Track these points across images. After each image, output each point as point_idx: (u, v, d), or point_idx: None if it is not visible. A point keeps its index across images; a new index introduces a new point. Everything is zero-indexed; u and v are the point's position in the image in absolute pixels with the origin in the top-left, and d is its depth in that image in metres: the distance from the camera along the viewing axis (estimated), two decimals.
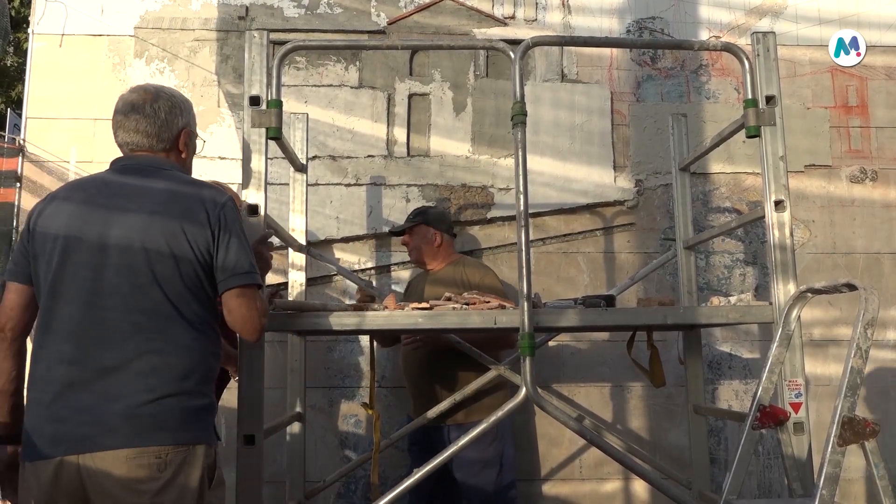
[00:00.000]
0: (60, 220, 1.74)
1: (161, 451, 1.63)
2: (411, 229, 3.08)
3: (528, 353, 2.18)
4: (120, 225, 1.71)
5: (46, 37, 3.49)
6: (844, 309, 3.50)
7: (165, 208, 1.74)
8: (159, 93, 1.88)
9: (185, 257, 1.72)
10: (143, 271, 1.69)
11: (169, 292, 1.71)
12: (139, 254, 1.70)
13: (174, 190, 1.78)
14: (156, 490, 1.61)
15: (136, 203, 1.74)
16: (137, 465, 1.60)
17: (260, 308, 1.79)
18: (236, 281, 1.75)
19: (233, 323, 1.78)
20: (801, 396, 2.21)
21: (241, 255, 1.78)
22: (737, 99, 3.63)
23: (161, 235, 1.71)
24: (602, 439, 2.60)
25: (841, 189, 3.63)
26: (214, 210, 1.77)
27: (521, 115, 2.28)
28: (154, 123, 1.83)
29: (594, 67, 3.63)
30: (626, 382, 3.42)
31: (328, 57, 3.55)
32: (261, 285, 1.83)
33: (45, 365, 1.68)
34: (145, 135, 1.83)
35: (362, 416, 3.32)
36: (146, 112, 1.83)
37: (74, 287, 1.69)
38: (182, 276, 1.72)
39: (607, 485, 3.36)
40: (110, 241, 1.70)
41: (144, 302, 1.69)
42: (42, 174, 3.36)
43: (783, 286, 2.26)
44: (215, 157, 3.43)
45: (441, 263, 3.07)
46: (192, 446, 1.68)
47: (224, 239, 1.76)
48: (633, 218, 3.54)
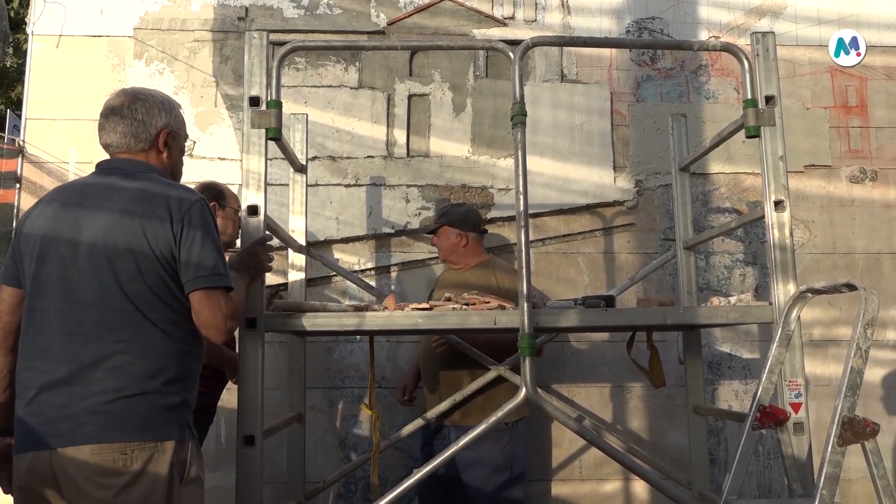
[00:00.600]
0: (40, 223, 1.80)
1: (126, 448, 1.66)
2: (436, 230, 3.07)
3: (527, 354, 2.18)
4: (89, 226, 1.76)
5: (45, 38, 3.49)
6: (844, 309, 3.50)
7: (130, 208, 1.76)
8: (137, 95, 1.92)
9: (146, 256, 1.74)
10: (106, 272, 1.73)
11: (130, 293, 1.73)
12: (102, 255, 1.73)
13: (142, 189, 1.80)
14: (122, 485, 1.65)
15: (105, 204, 1.78)
16: (103, 461, 1.65)
17: (225, 311, 1.78)
18: (200, 283, 1.76)
19: (198, 325, 1.79)
20: (801, 396, 2.21)
21: (206, 255, 1.77)
22: (736, 99, 3.63)
23: (122, 234, 1.74)
24: (602, 439, 2.60)
25: (840, 189, 3.63)
26: (180, 209, 1.78)
27: (520, 115, 2.28)
28: (131, 125, 1.87)
29: (594, 68, 3.64)
30: (626, 383, 3.42)
31: (328, 58, 3.55)
32: (229, 287, 1.82)
33: (25, 364, 1.74)
34: (122, 135, 1.87)
35: (362, 417, 3.32)
36: (124, 114, 1.88)
37: (49, 287, 1.75)
38: (143, 276, 1.74)
39: (607, 485, 3.36)
40: (80, 242, 1.75)
41: (110, 302, 1.72)
42: (42, 175, 3.37)
43: (783, 286, 2.26)
44: (215, 158, 3.43)
45: (469, 263, 3.05)
46: (159, 443, 1.70)
47: (188, 237, 1.76)
48: (633, 218, 3.54)
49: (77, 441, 1.65)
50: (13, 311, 1.83)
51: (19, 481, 1.71)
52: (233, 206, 2.66)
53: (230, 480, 2.38)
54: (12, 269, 1.84)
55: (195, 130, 3.44)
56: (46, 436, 1.66)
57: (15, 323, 1.82)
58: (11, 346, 1.82)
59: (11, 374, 1.81)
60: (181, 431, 1.76)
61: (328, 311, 2.33)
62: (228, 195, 2.70)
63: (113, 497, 1.65)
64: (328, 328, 2.28)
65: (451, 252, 3.05)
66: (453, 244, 3.03)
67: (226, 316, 1.79)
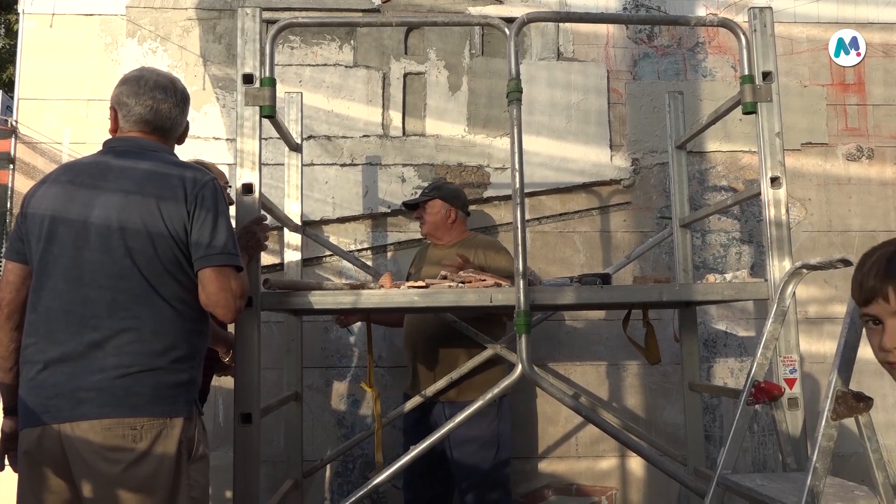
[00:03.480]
0: (48, 202, 1.80)
1: (136, 423, 1.67)
2: (425, 203, 3.06)
3: (523, 331, 2.18)
4: (101, 204, 1.76)
5: (37, 17, 3.45)
6: (840, 287, 3.51)
7: (144, 187, 1.77)
8: (177, 83, 1.97)
9: (161, 235, 1.75)
10: (119, 250, 1.73)
11: (145, 271, 1.74)
12: (116, 233, 1.74)
13: (156, 170, 1.81)
14: (130, 460, 1.66)
15: (118, 183, 1.78)
16: (112, 435, 1.66)
17: (235, 290, 1.79)
18: (211, 260, 1.76)
19: (206, 302, 1.79)
20: (796, 372, 2.22)
21: (219, 234, 1.78)
22: (733, 77, 3.61)
23: (137, 214, 1.75)
24: (598, 416, 2.61)
25: (837, 167, 3.63)
26: (193, 188, 1.79)
27: (516, 91, 2.27)
28: (173, 110, 1.92)
29: (590, 46, 3.61)
30: (622, 361, 3.43)
31: (322, 36, 3.52)
32: (240, 267, 1.83)
33: (32, 340, 1.74)
34: (167, 118, 1.90)
35: (359, 396, 3.33)
36: (168, 95, 1.91)
37: (59, 266, 1.74)
38: (159, 255, 1.75)
39: (603, 462, 3.39)
40: (91, 221, 1.75)
41: (122, 281, 1.72)
42: (35, 156, 3.34)
43: (778, 263, 2.26)
44: (209, 138, 3.41)
45: (452, 240, 3.05)
46: (168, 419, 1.71)
47: (200, 215, 1.77)
48: (630, 197, 3.54)
49: (87, 416, 1.65)
50: (18, 288, 1.82)
51: (26, 446, 1.71)
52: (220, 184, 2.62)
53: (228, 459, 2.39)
54: (19, 246, 1.83)
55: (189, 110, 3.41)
56: (54, 410, 1.67)
57: (20, 300, 1.82)
58: (17, 324, 1.82)
59: (17, 353, 1.80)
60: (189, 408, 1.78)
61: (324, 289, 2.33)
62: (216, 173, 2.66)
63: (121, 472, 1.65)
64: (324, 306, 2.28)
65: (436, 226, 3.04)
66: (441, 218, 3.03)
67: (236, 294, 1.79)
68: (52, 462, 1.68)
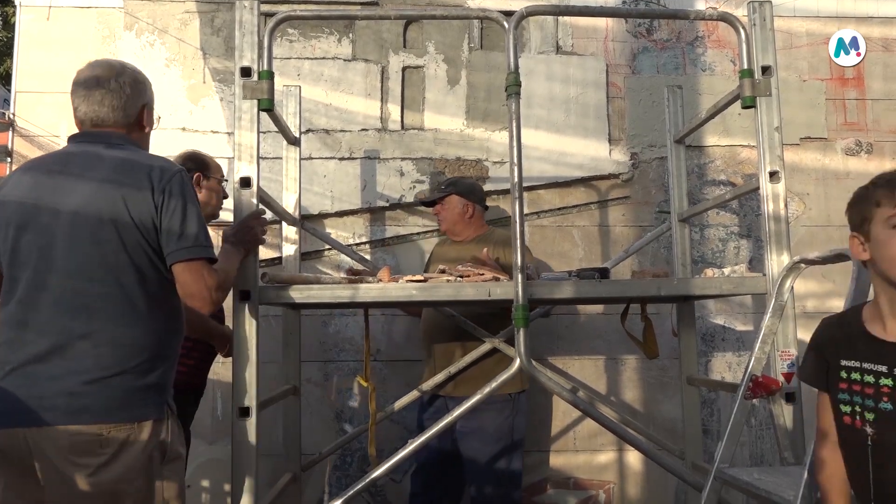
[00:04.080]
0: (18, 191, 1.75)
1: (102, 429, 1.64)
2: (442, 199, 3.04)
3: (521, 325, 2.19)
4: (71, 194, 1.72)
5: (34, 9, 3.44)
6: (838, 281, 3.51)
7: (112, 177, 1.73)
8: (124, 68, 1.88)
9: (127, 226, 1.70)
10: (88, 243, 1.69)
11: (112, 266, 1.70)
12: (84, 224, 1.70)
13: (125, 159, 1.77)
14: (97, 465, 1.63)
15: (87, 172, 1.74)
16: (78, 442, 1.62)
17: (209, 282, 1.76)
18: (183, 254, 1.73)
19: (183, 297, 1.77)
20: (794, 367, 2.23)
21: (189, 226, 1.74)
22: (733, 71, 3.60)
23: (104, 204, 1.70)
24: (596, 410, 2.62)
25: (836, 162, 3.63)
26: (161, 179, 1.74)
27: (515, 85, 2.26)
28: (120, 98, 1.83)
29: (589, 39, 3.60)
30: (620, 355, 3.44)
31: (321, 30, 3.51)
32: (213, 258, 1.80)
33: (4, 337, 1.71)
34: (111, 109, 1.83)
35: (357, 390, 3.33)
36: (111, 87, 1.82)
37: (28, 258, 1.71)
38: (126, 248, 1.70)
39: (601, 456, 3.39)
40: (62, 211, 1.71)
41: (91, 274, 1.68)
42: (32, 149, 3.34)
43: (777, 257, 2.27)
44: (207, 131, 3.40)
45: (471, 235, 3.04)
46: (136, 423, 1.68)
47: (169, 207, 1.72)
48: (628, 191, 3.54)
49: (52, 422, 1.62)
50: None
51: None
52: (216, 177, 2.61)
53: (226, 453, 2.40)
54: None
55: (187, 103, 3.41)
56: (22, 413, 1.63)
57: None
58: None
59: None
60: (159, 410, 1.73)
61: (322, 283, 2.32)
62: (213, 166, 2.63)
63: (88, 476, 1.63)
64: (322, 300, 2.28)
65: (455, 222, 3.03)
66: (459, 213, 3.02)
67: (211, 287, 1.76)
68: (22, 464, 1.65)
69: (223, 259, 2.00)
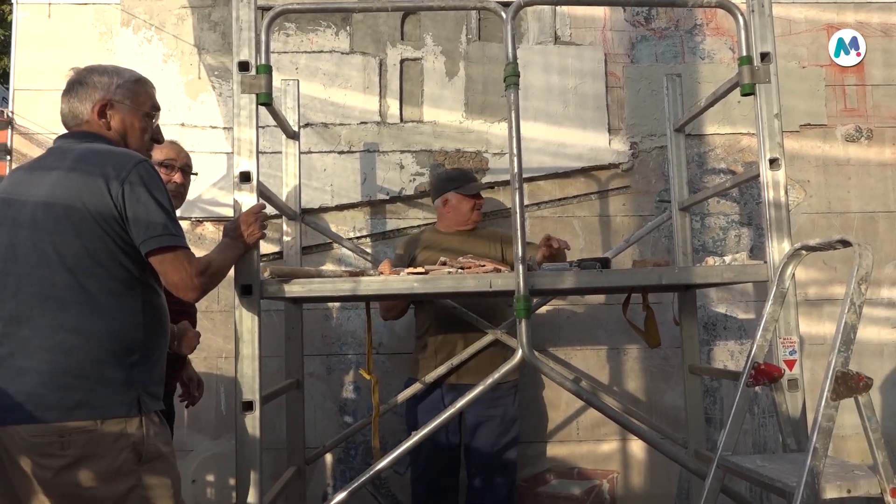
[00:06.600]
0: (2, 186, 1.83)
1: (62, 429, 1.61)
2: None
3: (523, 316, 2.19)
4: (37, 186, 1.74)
5: (31, 6, 3.43)
6: (839, 269, 3.51)
7: (73, 167, 1.74)
8: (84, 71, 1.95)
9: (83, 217, 1.69)
10: (46, 237, 1.69)
11: (70, 261, 1.68)
12: (45, 217, 1.70)
13: (88, 150, 1.79)
14: (60, 466, 1.60)
15: (54, 164, 1.78)
16: (39, 442, 1.60)
17: (190, 269, 1.77)
18: (153, 244, 1.72)
19: (168, 287, 1.78)
20: (796, 354, 2.23)
21: (154, 215, 1.73)
22: (732, 59, 3.59)
23: (64, 194, 1.70)
24: (599, 400, 2.62)
25: (836, 148, 3.62)
26: (122, 169, 1.73)
27: (513, 76, 2.26)
28: (70, 101, 1.91)
29: (587, 29, 3.59)
30: (623, 345, 3.44)
31: (318, 23, 3.50)
32: (184, 246, 1.78)
33: None
34: (67, 112, 1.92)
35: (360, 383, 3.34)
36: (69, 91, 1.93)
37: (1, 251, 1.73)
38: (82, 240, 1.69)
39: (604, 445, 3.40)
40: (27, 202, 1.72)
41: (49, 269, 1.67)
42: (32, 147, 3.33)
43: (778, 244, 2.26)
44: (206, 127, 3.40)
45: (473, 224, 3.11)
46: (99, 422, 1.64)
47: (132, 197, 1.71)
48: (628, 181, 3.53)
49: (15, 420, 1.60)
50: None
51: None
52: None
53: (230, 447, 2.41)
54: None
55: (185, 99, 3.40)
56: None
57: None
58: None
59: None
60: (128, 408, 1.68)
61: (323, 276, 2.33)
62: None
63: (52, 477, 1.60)
64: (323, 294, 2.28)
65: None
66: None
67: (192, 273, 1.77)
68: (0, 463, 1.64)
69: (219, 250, 2.02)
